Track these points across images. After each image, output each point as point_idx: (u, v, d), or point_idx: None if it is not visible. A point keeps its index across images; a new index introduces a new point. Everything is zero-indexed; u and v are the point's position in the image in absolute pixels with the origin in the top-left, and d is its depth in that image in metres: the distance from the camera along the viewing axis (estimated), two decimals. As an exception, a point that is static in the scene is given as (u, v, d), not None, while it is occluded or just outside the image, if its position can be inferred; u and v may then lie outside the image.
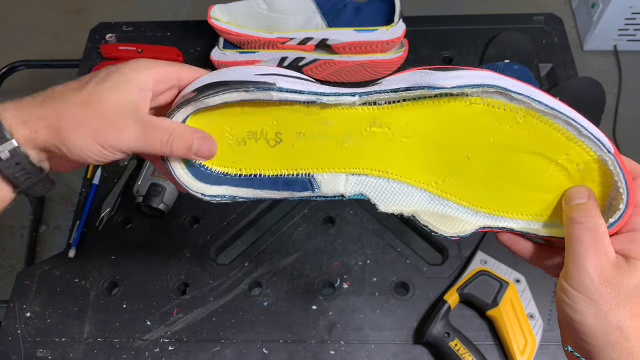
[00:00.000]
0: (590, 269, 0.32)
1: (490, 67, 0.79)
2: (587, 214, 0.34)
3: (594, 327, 0.32)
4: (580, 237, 0.33)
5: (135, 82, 0.37)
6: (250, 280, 0.69)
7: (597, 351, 0.33)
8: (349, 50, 0.79)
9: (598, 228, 0.33)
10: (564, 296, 0.33)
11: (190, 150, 0.38)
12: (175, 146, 0.37)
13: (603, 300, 0.32)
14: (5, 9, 1.78)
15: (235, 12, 0.80)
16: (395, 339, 0.65)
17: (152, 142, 0.37)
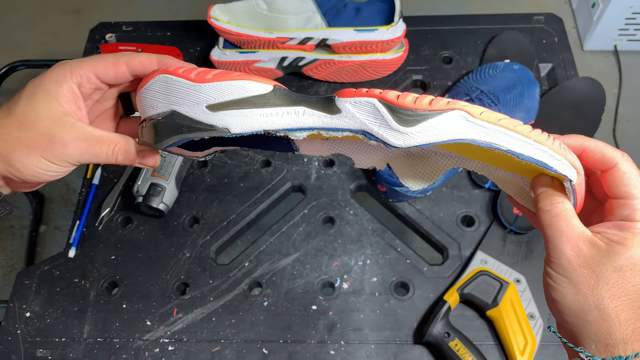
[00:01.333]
0: (567, 252, 0.33)
1: (490, 67, 0.79)
2: (552, 200, 0.35)
3: (574, 307, 0.33)
4: (552, 224, 0.34)
5: (60, 93, 0.38)
6: (250, 280, 0.69)
7: (578, 331, 0.34)
8: (349, 50, 0.79)
9: (566, 212, 0.35)
10: (547, 278, 0.35)
11: (134, 162, 0.40)
12: (121, 159, 0.39)
13: (581, 281, 0.33)
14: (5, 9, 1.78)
15: (235, 12, 0.80)
16: (395, 339, 0.65)
17: (98, 155, 0.38)
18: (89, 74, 0.39)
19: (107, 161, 0.39)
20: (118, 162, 0.39)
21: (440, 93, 0.83)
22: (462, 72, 0.85)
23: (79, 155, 0.37)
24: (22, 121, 0.36)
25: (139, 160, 0.40)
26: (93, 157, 0.38)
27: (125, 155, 0.39)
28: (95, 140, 0.38)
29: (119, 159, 0.39)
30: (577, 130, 0.77)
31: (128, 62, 0.39)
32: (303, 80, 0.85)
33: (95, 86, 0.40)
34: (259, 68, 0.82)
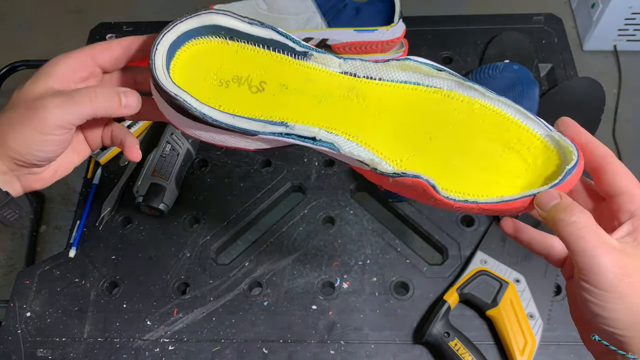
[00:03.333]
0: (610, 266, 0.31)
1: (490, 67, 0.79)
2: (573, 210, 0.33)
3: (628, 321, 0.32)
4: (582, 236, 0.32)
5: (52, 74, 0.38)
6: (250, 280, 0.69)
7: (630, 341, 0.32)
8: (349, 50, 0.79)
9: (591, 223, 0.33)
10: (589, 297, 0.32)
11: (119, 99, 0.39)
12: (102, 99, 0.38)
13: (632, 292, 0.31)
14: (5, 9, 1.78)
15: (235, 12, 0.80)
16: (395, 339, 0.65)
17: (79, 103, 0.37)
18: (85, 57, 0.39)
19: (92, 110, 0.38)
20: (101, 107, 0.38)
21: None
22: (461, 73, 0.85)
23: (62, 113, 0.37)
24: (14, 103, 0.38)
25: (124, 101, 0.39)
26: (76, 109, 0.37)
27: (107, 96, 0.38)
28: (75, 91, 0.38)
29: (101, 102, 0.38)
30: (577, 130, 0.77)
31: (120, 42, 0.40)
32: (303, 81, 0.85)
33: (91, 70, 0.40)
34: (259, 68, 0.82)
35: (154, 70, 0.37)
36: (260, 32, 0.40)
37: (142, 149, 0.77)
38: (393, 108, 0.40)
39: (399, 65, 0.40)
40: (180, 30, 0.38)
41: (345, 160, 0.40)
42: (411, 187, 0.37)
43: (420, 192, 0.38)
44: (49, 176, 0.42)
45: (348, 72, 0.41)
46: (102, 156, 0.78)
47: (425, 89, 0.40)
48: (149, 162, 0.75)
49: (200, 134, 0.40)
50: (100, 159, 0.78)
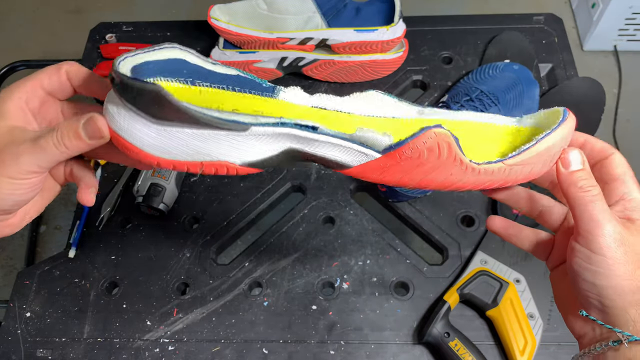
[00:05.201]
0: (612, 232, 0.33)
1: (490, 67, 0.79)
2: (592, 181, 0.35)
3: (620, 288, 0.33)
4: (594, 203, 0.34)
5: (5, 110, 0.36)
6: (250, 280, 0.69)
7: (618, 313, 0.34)
8: (349, 50, 0.79)
9: (602, 195, 0.35)
10: (584, 263, 0.34)
11: (82, 137, 0.35)
12: (67, 142, 0.35)
13: (626, 260, 0.33)
14: (5, 9, 1.78)
15: (235, 12, 0.80)
16: (395, 339, 0.65)
17: (48, 150, 0.35)
18: (35, 86, 0.37)
19: (59, 153, 0.35)
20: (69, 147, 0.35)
21: (440, 93, 0.83)
22: (462, 72, 0.85)
23: (32, 158, 0.35)
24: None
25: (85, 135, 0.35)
26: (45, 153, 0.35)
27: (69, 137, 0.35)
28: (39, 135, 0.35)
29: (67, 143, 0.35)
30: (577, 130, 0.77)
31: (67, 67, 0.38)
32: (303, 81, 0.85)
33: (42, 99, 0.38)
34: (258, 68, 0.82)
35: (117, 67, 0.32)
36: (225, 70, 0.38)
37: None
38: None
39: (362, 97, 0.39)
40: (143, 58, 0.35)
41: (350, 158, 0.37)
42: (431, 151, 0.35)
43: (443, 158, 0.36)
44: (17, 221, 0.40)
45: (318, 106, 0.39)
46: (102, 156, 0.78)
47: (393, 120, 0.40)
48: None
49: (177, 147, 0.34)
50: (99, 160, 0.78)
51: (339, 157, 0.37)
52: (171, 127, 0.33)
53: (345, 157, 0.37)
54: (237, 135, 0.34)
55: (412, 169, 0.36)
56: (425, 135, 0.35)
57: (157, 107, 0.32)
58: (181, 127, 0.33)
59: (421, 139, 0.35)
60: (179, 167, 0.35)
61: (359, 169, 0.37)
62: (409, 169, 0.37)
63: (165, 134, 0.33)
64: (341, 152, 0.37)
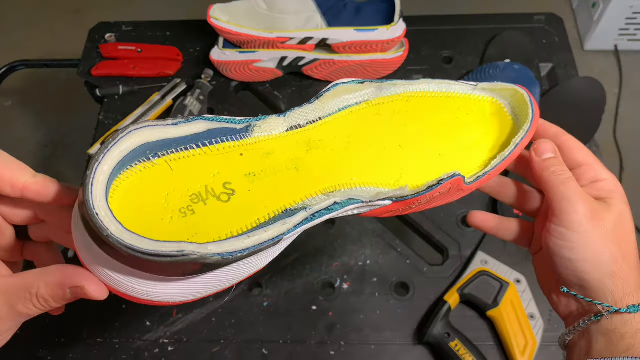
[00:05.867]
0: (583, 209, 0.35)
1: (490, 67, 0.79)
2: (563, 167, 0.37)
3: (594, 260, 0.35)
4: (567, 184, 0.36)
5: None
6: (250, 280, 0.69)
7: (595, 286, 0.35)
8: (349, 50, 0.79)
9: (573, 177, 0.37)
10: (558, 240, 0.36)
11: (68, 297, 0.31)
12: (53, 304, 0.32)
13: (599, 234, 0.35)
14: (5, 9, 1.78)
15: (235, 11, 0.80)
16: (395, 340, 0.65)
17: (31, 314, 0.31)
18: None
19: (40, 308, 0.31)
20: (55, 305, 0.32)
21: (440, 93, 0.83)
22: (462, 72, 0.85)
23: (11, 324, 0.32)
24: None
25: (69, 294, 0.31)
26: (24, 317, 0.32)
27: (60, 298, 0.31)
28: (10, 295, 0.30)
29: (55, 304, 0.31)
30: (578, 130, 0.77)
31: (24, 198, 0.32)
32: (303, 80, 0.85)
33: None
34: (258, 68, 0.82)
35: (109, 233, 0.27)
36: (190, 128, 0.32)
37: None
38: (351, 135, 0.38)
39: (330, 95, 0.38)
40: (110, 164, 0.29)
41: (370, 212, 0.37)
42: (445, 192, 0.37)
43: (452, 192, 0.37)
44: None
45: (293, 126, 0.36)
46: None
47: (358, 108, 0.40)
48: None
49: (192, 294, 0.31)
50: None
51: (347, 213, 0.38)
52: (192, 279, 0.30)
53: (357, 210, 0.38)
54: (271, 247, 0.32)
55: (420, 207, 0.38)
56: (443, 186, 0.36)
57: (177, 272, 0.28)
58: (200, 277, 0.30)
59: (438, 190, 0.36)
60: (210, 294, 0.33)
61: (370, 213, 0.38)
62: (418, 208, 0.38)
63: (187, 286, 0.31)
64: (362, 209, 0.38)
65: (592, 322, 0.35)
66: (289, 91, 0.85)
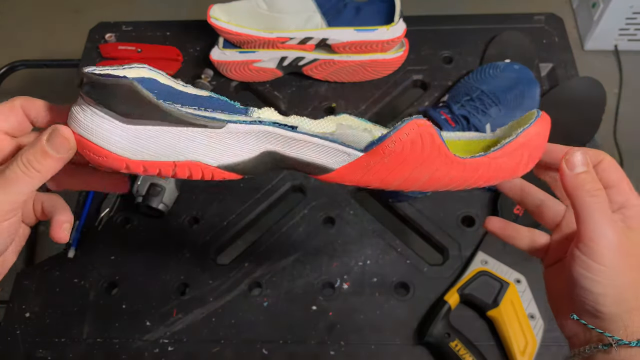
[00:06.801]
0: (615, 241, 0.33)
1: (490, 67, 0.79)
2: (597, 184, 0.34)
3: (618, 297, 0.33)
4: (600, 210, 0.33)
5: None
6: (250, 280, 0.69)
7: (612, 319, 0.34)
8: (349, 49, 0.79)
9: (607, 201, 0.34)
10: (582, 270, 0.33)
11: (49, 154, 0.32)
12: (36, 165, 0.32)
13: (625, 269, 0.33)
14: (5, 9, 1.78)
15: (235, 11, 0.80)
16: (395, 340, 0.65)
17: (18, 180, 0.32)
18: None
19: (31, 179, 0.32)
20: (40, 168, 0.32)
21: (440, 93, 0.83)
22: (462, 72, 0.85)
23: (5, 195, 0.32)
24: None
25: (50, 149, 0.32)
26: (14, 185, 0.32)
27: (39, 153, 0.32)
28: (5, 169, 0.32)
29: (38, 165, 0.32)
30: (578, 130, 0.77)
31: (22, 103, 0.35)
32: (303, 80, 0.85)
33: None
34: (258, 68, 0.82)
35: (86, 71, 0.30)
36: (196, 92, 0.36)
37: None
38: None
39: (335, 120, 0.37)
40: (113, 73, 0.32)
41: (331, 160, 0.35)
42: (415, 143, 0.34)
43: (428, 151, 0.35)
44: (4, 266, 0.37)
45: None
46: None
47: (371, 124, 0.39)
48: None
49: (148, 146, 0.32)
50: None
51: (320, 159, 0.35)
52: (142, 125, 0.31)
53: (326, 158, 0.35)
54: (212, 132, 0.32)
55: (396, 166, 0.35)
56: (407, 126, 0.34)
57: (129, 104, 0.30)
58: (153, 124, 0.31)
59: (403, 130, 0.34)
60: (150, 169, 0.32)
61: (341, 171, 0.36)
62: (393, 167, 0.35)
63: (136, 133, 0.31)
64: (322, 153, 0.35)
65: (599, 350, 0.34)
66: (289, 91, 0.85)
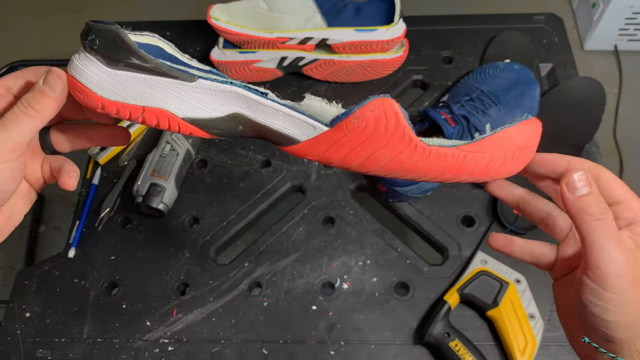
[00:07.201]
0: (625, 269, 0.31)
1: (490, 67, 0.79)
2: (603, 206, 0.32)
3: (629, 324, 0.32)
4: (608, 234, 0.32)
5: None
6: (250, 280, 0.69)
7: (623, 344, 0.32)
8: (349, 50, 0.79)
9: (613, 221, 0.32)
10: (592, 298, 0.32)
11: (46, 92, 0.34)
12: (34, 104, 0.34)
13: (636, 294, 0.31)
14: (5, 9, 1.78)
15: (235, 11, 0.80)
16: (395, 340, 0.65)
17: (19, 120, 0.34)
18: (1, 90, 0.37)
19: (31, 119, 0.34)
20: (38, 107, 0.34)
21: (440, 93, 0.83)
22: (462, 72, 0.85)
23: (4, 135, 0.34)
24: None
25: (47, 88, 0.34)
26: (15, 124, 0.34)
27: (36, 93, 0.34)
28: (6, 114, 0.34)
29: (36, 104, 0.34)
30: (578, 130, 0.77)
31: (33, 70, 0.37)
32: (303, 80, 0.85)
33: (9, 101, 0.37)
34: (258, 68, 0.82)
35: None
36: (199, 65, 0.38)
37: (140, 149, 0.78)
38: None
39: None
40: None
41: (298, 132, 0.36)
42: (379, 121, 0.34)
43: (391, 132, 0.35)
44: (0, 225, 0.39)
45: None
46: (102, 156, 0.78)
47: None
48: (148, 162, 0.75)
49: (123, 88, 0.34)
50: (99, 159, 0.78)
51: (287, 129, 0.36)
52: (122, 70, 0.34)
53: (293, 129, 0.36)
54: (183, 84, 0.34)
55: (358, 144, 0.35)
56: (372, 103, 0.34)
57: (113, 48, 0.33)
58: (131, 71, 0.34)
59: (368, 107, 0.34)
60: (122, 110, 0.35)
61: (307, 144, 0.36)
62: (356, 144, 0.35)
63: (116, 77, 0.34)
64: (289, 123, 0.36)
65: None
66: (289, 91, 0.85)
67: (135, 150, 0.78)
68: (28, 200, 0.41)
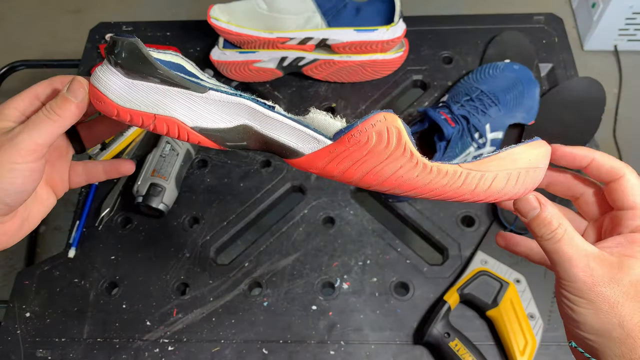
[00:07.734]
0: (580, 275, 0.33)
1: (490, 67, 0.79)
2: (550, 225, 0.35)
3: (597, 327, 0.33)
4: (556, 250, 0.34)
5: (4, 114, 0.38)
6: (250, 280, 0.69)
7: (601, 349, 0.34)
8: (349, 50, 0.79)
9: (566, 234, 0.34)
10: (563, 300, 0.35)
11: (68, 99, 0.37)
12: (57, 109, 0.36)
13: (601, 300, 0.33)
14: (5, 9, 1.78)
15: (235, 11, 0.80)
16: (395, 340, 0.65)
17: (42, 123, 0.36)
18: (29, 97, 0.39)
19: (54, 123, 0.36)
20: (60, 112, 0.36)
21: (440, 93, 0.83)
22: (462, 72, 0.85)
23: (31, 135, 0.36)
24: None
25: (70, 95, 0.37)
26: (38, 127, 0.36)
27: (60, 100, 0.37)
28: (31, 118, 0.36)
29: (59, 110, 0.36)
30: (577, 130, 0.77)
31: (61, 78, 0.39)
32: (303, 80, 0.85)
33: (36, 109, 0.38)
34: (258, 68, 0.82)
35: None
36: (217, 84, 0.40)
37: (141, 149, 0.78)
38: None
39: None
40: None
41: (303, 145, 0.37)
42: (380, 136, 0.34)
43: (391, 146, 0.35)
44: (16, 226, 0.40)
45: None
46: (102, 156, 0.78)
47: None
48: (148, 162, 0.75)
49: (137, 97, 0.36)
50: (99, 159, 0.78)
51: (292, 142, 0.37)
52: (138, 80, 0.36)
53: (298, 142, 0.37)
54: (194, 95, 0.36)
55: (359, 158, 0.36)
56: (374, 117, 0.35)
57: (133, 60, 0.35)
58: (146, 80, 0.36)
59: (370, 121, 0.35)
60: (135, 117, 0.36)
61: (310, 157, 0.37)
62: (357, 157, 0.36)
63: (132, 86, 0.36)
64: (294, 135, 0.37)
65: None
66: (289, 91, 0.85)
67: (135, 150, 0.78)
68: (45, 207, 0.42)
